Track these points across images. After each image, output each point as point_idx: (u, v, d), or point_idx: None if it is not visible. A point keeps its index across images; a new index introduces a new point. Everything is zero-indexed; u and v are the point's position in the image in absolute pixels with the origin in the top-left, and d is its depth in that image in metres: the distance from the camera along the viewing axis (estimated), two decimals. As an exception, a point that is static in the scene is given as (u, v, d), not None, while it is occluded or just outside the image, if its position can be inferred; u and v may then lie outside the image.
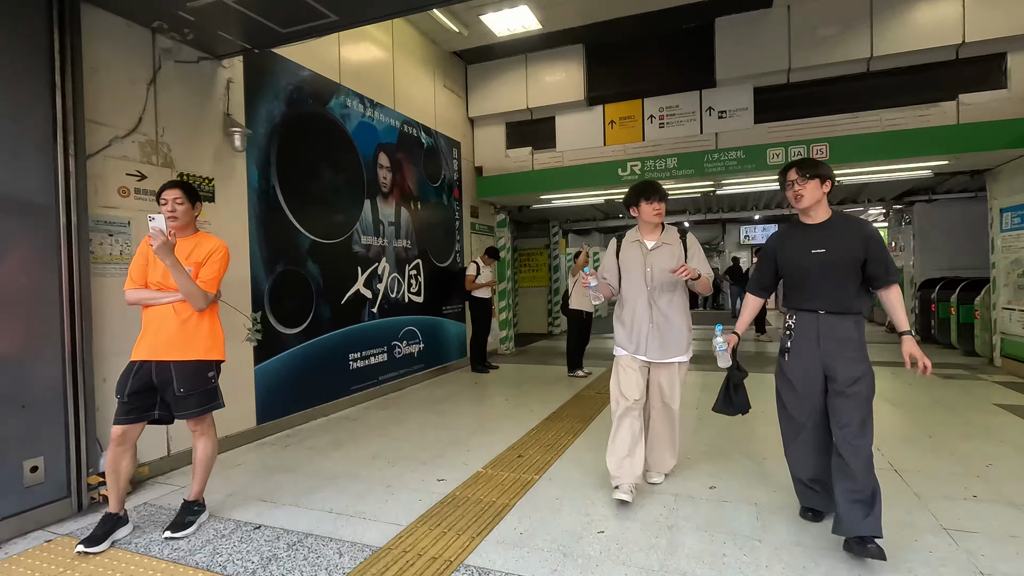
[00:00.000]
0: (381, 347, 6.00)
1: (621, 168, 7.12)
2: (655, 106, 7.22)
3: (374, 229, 5.90)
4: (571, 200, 8.56)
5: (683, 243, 3.09)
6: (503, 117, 8.08)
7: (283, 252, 4.68)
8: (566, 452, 3.94)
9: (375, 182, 5.94)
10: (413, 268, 6.63)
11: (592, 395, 5.76)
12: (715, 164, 6.65)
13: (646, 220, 3.06)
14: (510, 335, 9.08)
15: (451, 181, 7.59)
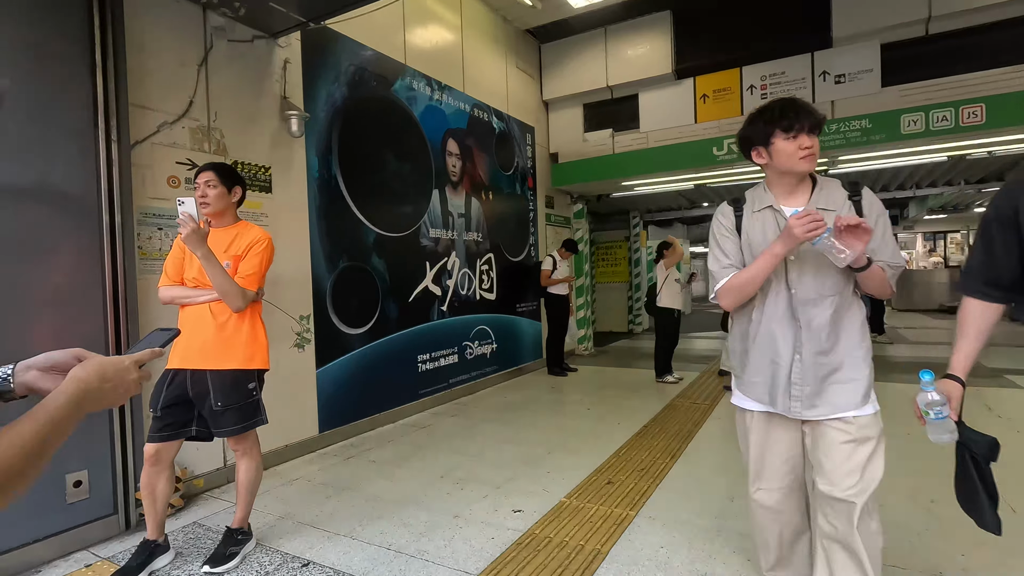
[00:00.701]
0: (451, 348, 5.58)
1: (716, 147, 6.27)
2: (756, 75, 6.31)
3: (443, 221, 5.48)
4: (656, 186, 7.78)
5: (857, 207, 1.68)
6: (580, 98, 7.43)
7: (346, 247, 4.34)
8: (665, 480, 3.28)
9: (444, 171, 5.52)
10: (485, 263, 6.17)
11: (686, 405, 5.03)
12: (833, 137, 5.66)
13: (786, 168, 1.65)
14: (588, 334, 8.44)
15: (524, 169, 7.07)
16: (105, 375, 0.79)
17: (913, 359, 7.17)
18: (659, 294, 6.08)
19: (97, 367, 0.78)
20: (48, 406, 0.70)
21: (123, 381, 0.81)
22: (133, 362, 0.84)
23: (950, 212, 13.43)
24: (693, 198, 10.74)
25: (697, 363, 7.24)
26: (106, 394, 0.79)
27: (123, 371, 0.82)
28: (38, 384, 0.82)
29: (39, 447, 0.67)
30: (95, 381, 0.77)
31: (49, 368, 0.83)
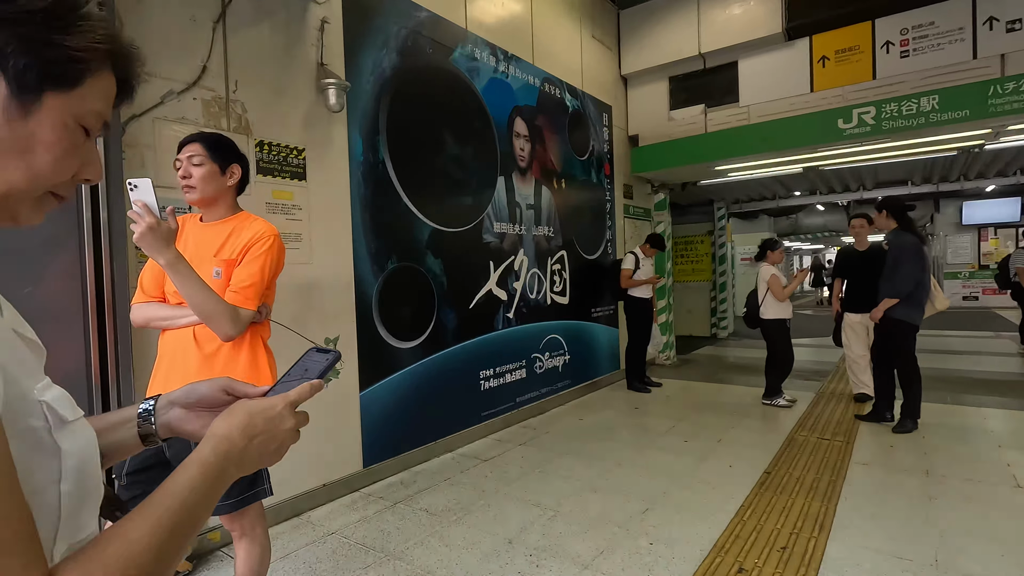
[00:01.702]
0: (519, 361, 4.80)
1: (843, 118, 5.12)
2: (894, 27, 5.09)
3: (509, 214, 4.70)
4: (758, 171, 6.65)
5: None
6: (666, 70, 6.43)
7: (396, 244, 3.65)
8: (821, 570, 2.34)
9: (510, 155, 4.73)
10: (556, 262, 5.34)
11: (813, 442, 4.00)
12: (1009, 98, 4.40)
13: None
14: (671, 341, 7.44)
15: (601, 154, 6.17)
16: (252, 428, 0.60)
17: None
18: (762, 303, 5.03)
19: (243, 418, 0.60)
20: (179, 482, 0.53)
21: (276, 433, 0.62)
22: (288, 405, 0.63)
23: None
24: (790, 185, 9.42)
25: (805, 380, 6.10)
26: (255, 454, 0.60)
27: (275, 419, 0.62)
28: (183, 426, 0.68)
29: (170, 544, 0.49)
30: (239, 438, 0.58)
31: (193, 405, 0.69)
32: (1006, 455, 3.59)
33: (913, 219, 4.18)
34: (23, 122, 0.48)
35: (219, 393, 0.69)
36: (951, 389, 5.38)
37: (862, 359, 4.98)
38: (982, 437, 3.99)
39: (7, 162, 0.48)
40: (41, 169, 0.50)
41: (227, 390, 0.70)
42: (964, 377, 6.05)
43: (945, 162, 7.58)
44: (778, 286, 4.90)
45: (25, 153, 0.49)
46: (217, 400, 0.69)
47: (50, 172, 0.51)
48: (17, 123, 0.48)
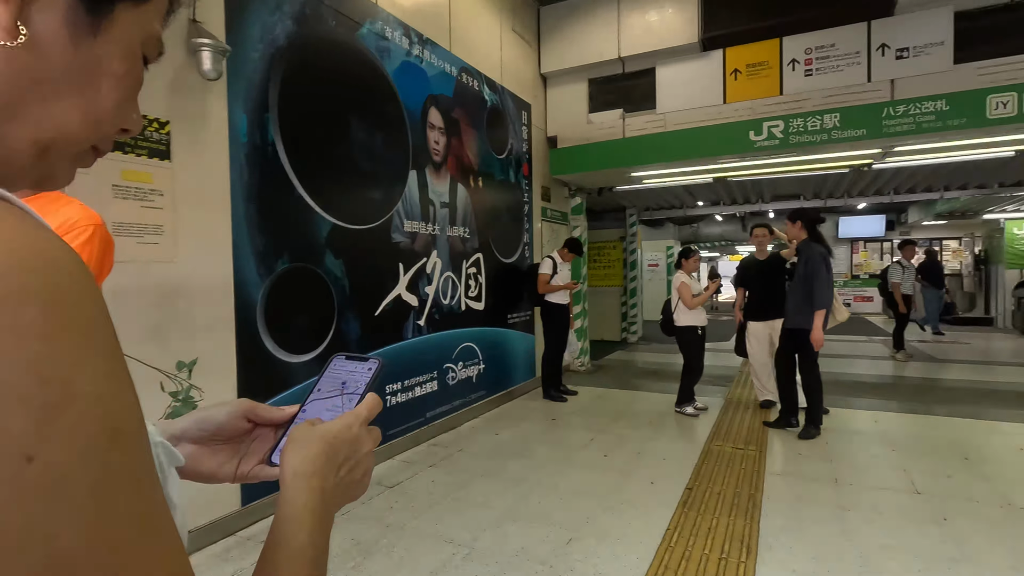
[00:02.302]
0: (430, 372, 4.41)
1: (754, 130, 5.24)
2: (799, 46, 5.30)
3: (422, 212, 4.31)
4: (672, 179, 6.72)
5: None
6: (585, 72, 6.33)
7: (288, 241, 3.13)
8: (756, 602, 2.20)
9: (424, 147, 4.34)
10: (472, 265, 5.01)
11: (729, 452, 3.98)
12: (900, 120, 4.69)
13: None
14: (585, 347, 7.37)
15: (519, 153, 5.93)
16: (336, 457, 0.50)
17: (959, 383, 6.31)
18: (675, 311, 5.02)
19: (321, 447, 0.49)
20: (299, 540, 0.45)
21: (360, 459, 0.52)
22: (363, 424, 0.53)
23: (954, 219, 12.80)
24: (697, 195, 9.78)
25: (714, 385, 6.23)
26: (343, 487, 0.50)
27: (355, 443, 0.52)
28: (197, 467, 0.56)
29: None
30: (329, 471, 0.49)
31: (209, 439, 0.57)
32: (901, 459, 3.75)
33: (822, 232, 4.32)
34: (89, 44, 0.36)
35: (240, 421, 0.58)
36: (841, 392, 5.69)
37: (766, 367, 5.12)
38: (876, 441, 4.17)
39: (62, 99, 0.36)
40: (103, 110, 0.38)
41: (249, 416, 0.58)
42: (849, 380, 6.47)
43: (835, 179, 8.16)
44: (687, 294, 4.90)
45: (86, 88, 0.37)
46: (238, 429, 0.58)
47: (112, 114, 0.39)
48: (83, 45, 0.36)
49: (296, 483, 0.47)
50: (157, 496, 0.33)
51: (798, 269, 4.29)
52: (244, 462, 0.58)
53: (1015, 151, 5.33)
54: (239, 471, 0.58)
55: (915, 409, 5.07)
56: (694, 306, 4.92)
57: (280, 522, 0.46)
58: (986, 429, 4.42)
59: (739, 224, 15.99)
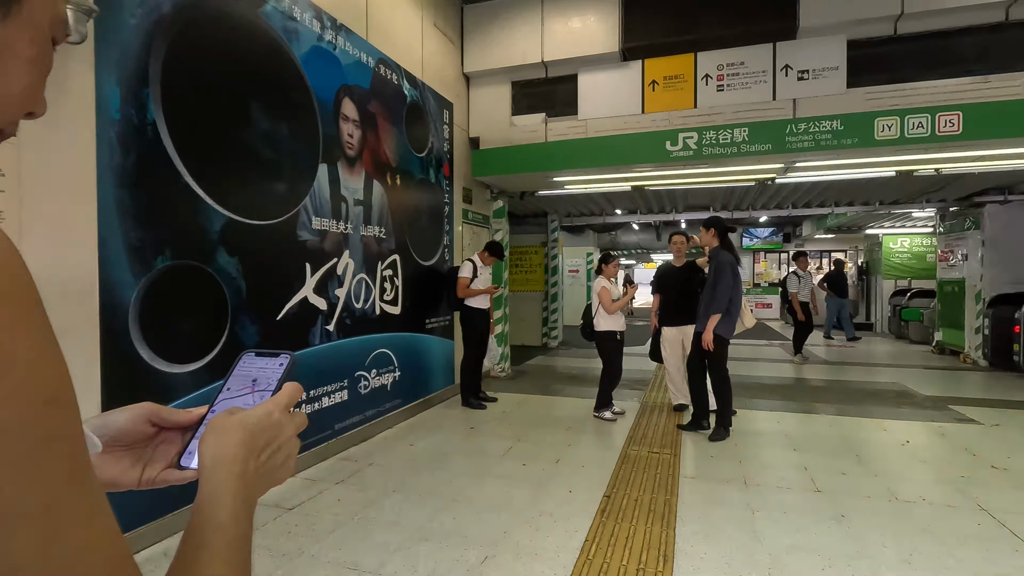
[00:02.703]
0: (340, 381, 4.11)
1: (670, 141, 5.39)
2: (712, 62, 5.53)
3: (333, 208, 4.01)
4: (592, 185, 6.80)
5: None
6: (509, 74, 6.26)
7: (171, 235, 2.76)
8: (673, 614, 2.15)
9: (336, 140, 4.05)
10: (388, 267, 4.76)
11: (645, 456, 4.00)
12: (801, 138, 4.99)
13: None
14: (506, 353, 7.27)
15: (440, 153, 5.74)
16: (255, 442, 0.50)
17: (855, 384, 6.83)
18: (595, 316, 5.04)
19: (240, 434, 0.49)
20: (221, 521, 0.45)
21: (282, 444, 0.52)
22: (283, 410, 0.54)
23: (841, 233, 14.06)
24: (615, 203, 10.02)
25: (631, 389, 6.34)
26: (266, 472, 0.51)
27: (276, 427, 0.52)
28: (100, 474, 0.52)
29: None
30: (248, 456, 0.48)
31: (109, 443, 0.54)
32: (802, 458, 3.94)
33: (732, 241, 4.48)
34: (0, 29, 0.36)
35: (143, 425, 0.56)
36: (746, 395, 5.97)
37: (679, 371, 5.26)
38: (779, 441, 4.37)
39: None
40: (12, 94, 0.39)
41: (153, 419, 0.56)
42: (753, 383, 6.82)
43: (741, 191, 8.64)
44: (607, 298, 4.93)
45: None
46: (141, 434, 0.56)
47: (21, 98, 0.39)
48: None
49: (215, 468, 0.47)
50: (89, 462, 0.34)
51: (709, 276, 4.42)
52: (149, 467, 0.56)
53: (895, 171, 5.86)
54: (144, 477, 0.55)
55: (812, 409, 5.40)
56: (613, 311, 4.95)
57: (200, 505, 0.45)
58: (873, 427, 4.77)
59: (654, 233, 16.65)
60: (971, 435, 4.50)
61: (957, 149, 4.85)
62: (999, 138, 4.59)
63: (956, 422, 4.90)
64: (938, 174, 5.87)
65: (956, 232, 8.62)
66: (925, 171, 5.83)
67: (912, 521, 2.92)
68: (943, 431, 4.63)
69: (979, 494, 3.27)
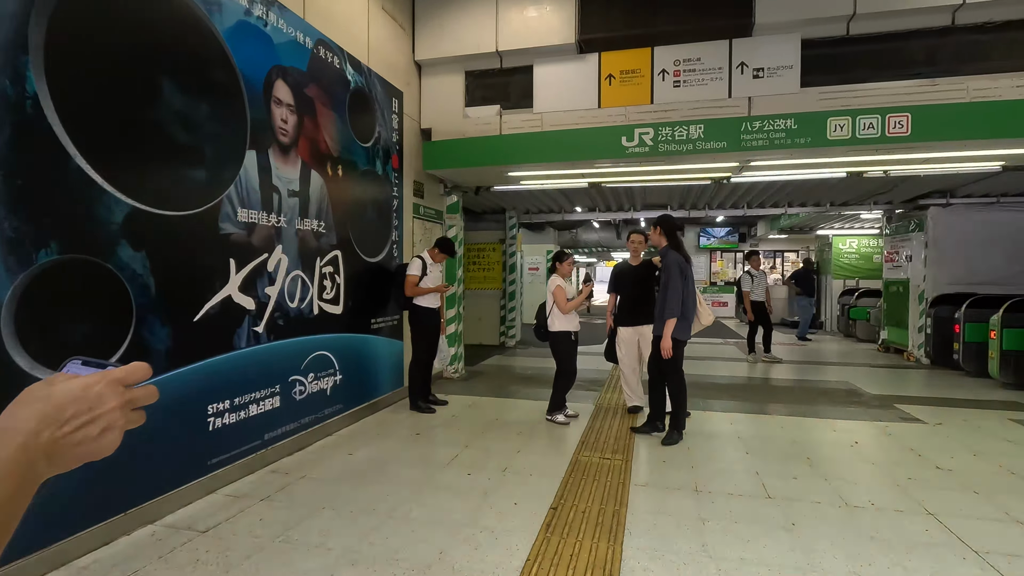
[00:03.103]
0: (271, 387, 3.80)
1: (626, 136, 5.26)
2: (669, 58, 5.42)
3: (263, 199, 3.69)
4: (549, 181, 6.63)
5: None
6: (462, 63, 6.01)
7: (59, 227, 2.42)
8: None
9: (267, 124, 3.73)
10: (328, 263, 4.45)
11: (596, 463, 3.85)
12: (756, 136, 4.93)
13: None
14: (459, 353, 7.04)
15: (389, 143, 5.45)
16: (61, 411, 0.51)
17: (816, 384, 6.89)
18: (549, 315, 4.87)
19: (39, 406, 0.51)
20: None
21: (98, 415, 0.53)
22: (110, 383, 0.55)
23: (794, 233, 14.38)
24: (574, 200, 9.90)
25: (586, 390, 6.21)
26: (71, 442, 0.51)
27: (92, 400, 0.53)
28: None
29: None
30: (39, 425, 0.50)
31: None
32: (754, 462, 3.86)
33: (681, 240, 4.37)
34: None
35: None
36: (701, 395, 5.93)
37: (635, 373, 5.15)
38: (732, 444, 4.30)
39: None
40: None
41: None
42: (708, 383, 6.80)
43: (698, 190, 8.65)
44: (561, 298, 4.77)
45: None
46: None
47: None
48: None
49: None
50: None
51: (661, 276, 4.31)
52: None
53: (846, 172, 5.91)
54: None
55: (765, 410, 5.38)
56: (568, 311, 4.79)
57: None
58: (823, 428, 4.77)
59: (614, 231, 16.68)
60: (916, 434, 4.54)
61: (906, 151, 4.90)
62: (945, 140, 4.64)
63: (902, 421, 4.95)
64: (886, 176, 5.96)
65: (901, 234, 8.86)
66: (874, 173, 5.90)
67: (862, 528, 2.85)
68: (889, 431, 4.66)
69: (925, 497, 3.24)
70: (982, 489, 3.38)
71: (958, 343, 7.26)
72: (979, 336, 6.91)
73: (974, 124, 4.57)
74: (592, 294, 10.38)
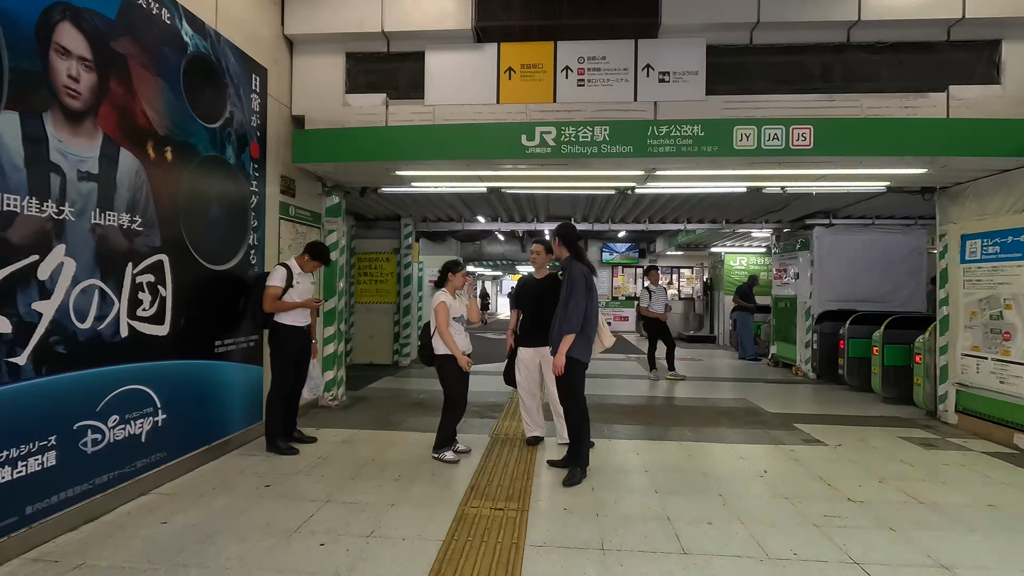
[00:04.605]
0: (40, 440, 2.75)
1: (527, 135, 4.73)
2: (573, 54, 4.99)
3: (31, 180, 2.68)
4: (442, 183, 5.95)
5: None
6: (343, 42, 5.21)
7: None
8: None
9: (41, 79, 2.73)
10: (147, 271, 3.45)
11: (486, 515, 3.19)
12: (662, 142, 4.60)
13: None
14: (340, 377, 6.11)
15: (246, 128, 4.51)
16: None
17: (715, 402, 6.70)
18: (434, 336, 4.17)
19: None
20: None
21: None
22: None
23: (690, 250, 14.82)
24: (475, 209, 9.31)
25: (481, 417, 5.56)
26: None
27: None
28: None
29: None
30: None
31: None
32: (664, 504, 3.39)
33: (583, 250, 3.89)
34: None
35: None
36: (603, 419, 5.50)
37: (535, 398, 4.59)
38: (639, 480, 3.83)
39: None
40: None
41: None
42: (611, 403, 6.43)
43: (602, 202, 8.40)
44: (443, 317, 4.07)
45: None
46: None
47: None
48: None
49: None
50: None
51: (562, 289, 3.78)
52: None
53: (747, 187, 5.81)
54: None
55: (669, 435, 5.03)
56: (448, 337, 4.08)
57: None
58: (729, 455, 4.47)
59: (519, 243, 16.35)
60: (820, 459, 4.35)
61: (808, 165, 4.80)
62: (844, 156, 4.57)
63: (804, 444, 4.78)
64: (783, 192, 5.94)
65: (789, 252, 9.18)
66: (772, 188, 5.86)
67: (790, 592, 2.42)
68: (795, 455, 4.45)
69: (846, 541, 2.92)
70: (898, 525, 3.13)
71: (843, 359, 7.49)
72: (862, 351, 7.14)
73: (869, 140, 4.54)
74: (485, 301, 9.75)
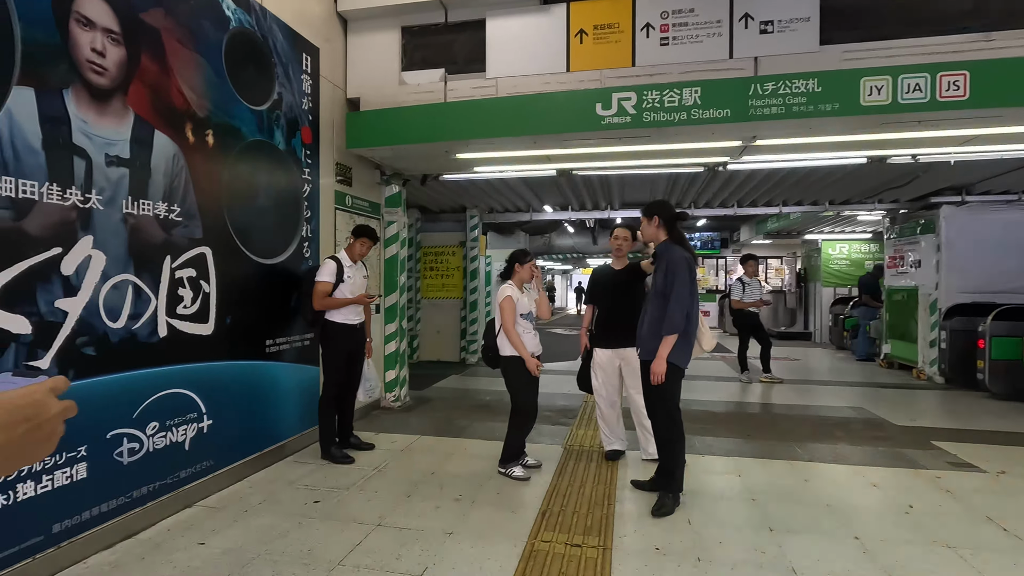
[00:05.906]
0: (69, 451, 2.50)
1: (603, 103, 4.11)
2: (655, 8, 4.31)
3: (50, 164, 2.42)
4: (506, 165, 5.44)
5: None
6: (397, 16, 4.81)
7: None
8: None
9: (59, 51, 2.46)
10: (188, 265, 3.17)
11: (560, 550, 2.64)
12: (768, 101, 3.83)
13: None
14: (403, 377, 5.77)
15: (297, 112, 4.20)
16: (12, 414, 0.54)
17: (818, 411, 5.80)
18: (499, 335, 3.67)
19: None
20: None
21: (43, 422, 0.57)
22: (49, 391, 0.59)
23: (780, 238, 13.47)
24: (543, 197, 8.74)
25: (553, 424, 5.02)
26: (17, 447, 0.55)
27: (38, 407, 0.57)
28: None
29: None
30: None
31: None
32: (784, 548, 2.70)
33: (684, 233, 3.23)
34: None
35: None
36: (692, 430, 4.77)
37: (614, 407, 3.99)
38: (746, 512, 3.15)
39: None
40: None
41: None
42: (700, 410, 5.68)
43: (684, 184, 7.59)
44: (509, 314, 3.56)
45: None
46: None
47: None
48: None
49: None
50: None
51: (655, 280, 3.15)
52: None
53: (867, 157, 4.87)
54: None
55: (776, 452, 4.26)
56: (515, 337, 3.57)
57: None
58: (857, 480, 3.66)
59: (590, 235, 15.63)
60: (980, 491, 3.45)
61: (960, 123, 3.85)
62: (1015, 107, 3.59)
63: (953, 468, 3.87)
64: (914, 161, 4.93)
65: (907, 236, 7.93)
66: (900, 158, 4.87)
67: None
68: (945, 484, 3.57)
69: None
70: None
71: (983, 360, 6.29)
72: (1011, 352, 5.94)
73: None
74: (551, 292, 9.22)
